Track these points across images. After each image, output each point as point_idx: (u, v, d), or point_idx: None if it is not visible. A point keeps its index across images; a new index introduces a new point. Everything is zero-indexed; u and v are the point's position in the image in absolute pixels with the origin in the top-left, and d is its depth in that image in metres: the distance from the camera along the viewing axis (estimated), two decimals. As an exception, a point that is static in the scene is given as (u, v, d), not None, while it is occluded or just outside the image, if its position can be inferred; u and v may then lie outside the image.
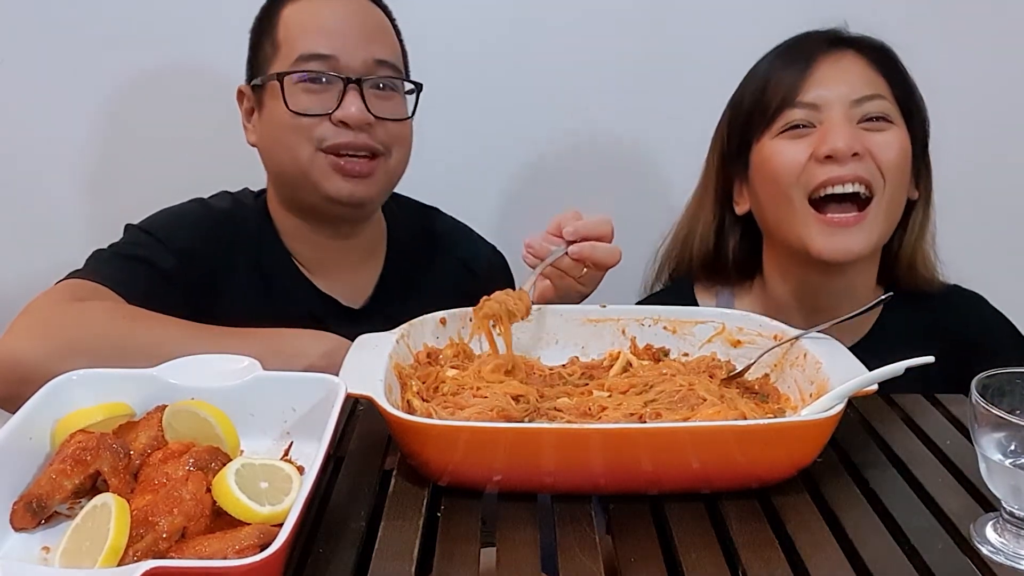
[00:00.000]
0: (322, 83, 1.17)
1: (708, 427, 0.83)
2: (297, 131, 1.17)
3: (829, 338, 0.98)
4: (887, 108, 1.14)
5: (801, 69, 1.15)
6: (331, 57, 1.16)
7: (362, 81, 1.17)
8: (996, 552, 0.76)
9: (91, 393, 0.84)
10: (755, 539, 0.78)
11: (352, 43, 1.17)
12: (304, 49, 1.17)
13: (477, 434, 0.81)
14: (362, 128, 1.17)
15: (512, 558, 0.74)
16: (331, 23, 1.18)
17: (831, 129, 1.11)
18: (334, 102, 1.17)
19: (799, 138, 1.14)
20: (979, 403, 0.75)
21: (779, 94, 1.15)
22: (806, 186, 1.13)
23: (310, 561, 0.74)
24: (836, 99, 1.13)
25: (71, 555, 0.67)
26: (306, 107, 1.17)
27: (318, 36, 1.17)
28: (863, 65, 1.16)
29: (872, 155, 1.12)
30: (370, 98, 1.18)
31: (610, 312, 1.08)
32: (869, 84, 1.14)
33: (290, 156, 1.19)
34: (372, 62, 1.18)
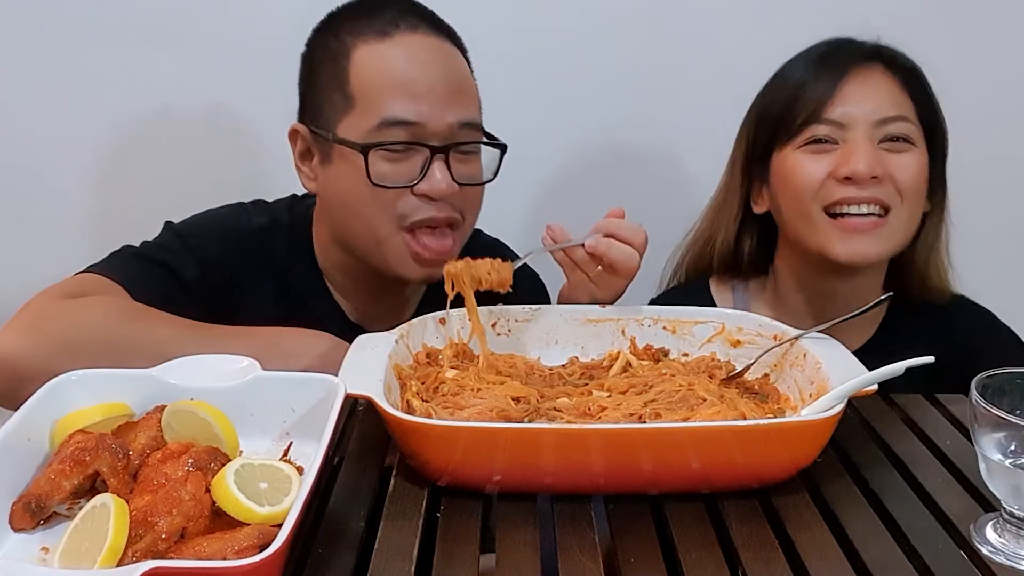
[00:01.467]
0: (404, 151, 1.09)
1: (708, 427, 0.83)
2: (376, 203, 1.09)
3: (829, 338, 0.98)
4: (910, 130, 1.16)
5: (830, 85, 1.16)
6: (416, 124, 1.07)
7: (448, 149, 1.09)
8: (996, 552, 0.76)
9: (90, 393, 0.84)
10: (755, 539, 0.78)
11: (439, 105, 1.08)
12: (388, 113, 1.07)
13: (477, 434, 0.81)
14: (444, 198, 1.10)
15: (512, 559, 0.74)
16: (417, 81, 1.08)
17: (853, 151, 1.14)
18: (417, 172, 1.08)
19: (821, 154, 1.16)
20: (979, 403, 0.75)
21: (807, 108, 1.17)
22: (823, 200, 1.16)
23: (309, 562, 0.74)
24: (861, 118, 1.15)
25: (70, 555, 0.67)
26: (387, 178, 1.08)
27: (403, 98, 1.07)
28: (891, 84, 1.17)
29: (891, 177, 1.14)
30: (453, 164, 1.10)
31: (610, 312, 1.08)
32: (895, 104, 1.16)
33: (365, 227, 1.12)
34: (457, 125, 1.10)
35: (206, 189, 1.32)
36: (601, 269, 1.08)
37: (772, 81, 1.24)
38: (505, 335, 1.07)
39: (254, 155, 1.63)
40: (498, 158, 1.17)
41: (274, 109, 1.24)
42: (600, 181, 1.69)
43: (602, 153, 1.68)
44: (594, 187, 1.69)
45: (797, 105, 1.17)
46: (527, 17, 1.61)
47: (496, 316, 1.07)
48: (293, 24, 1.29)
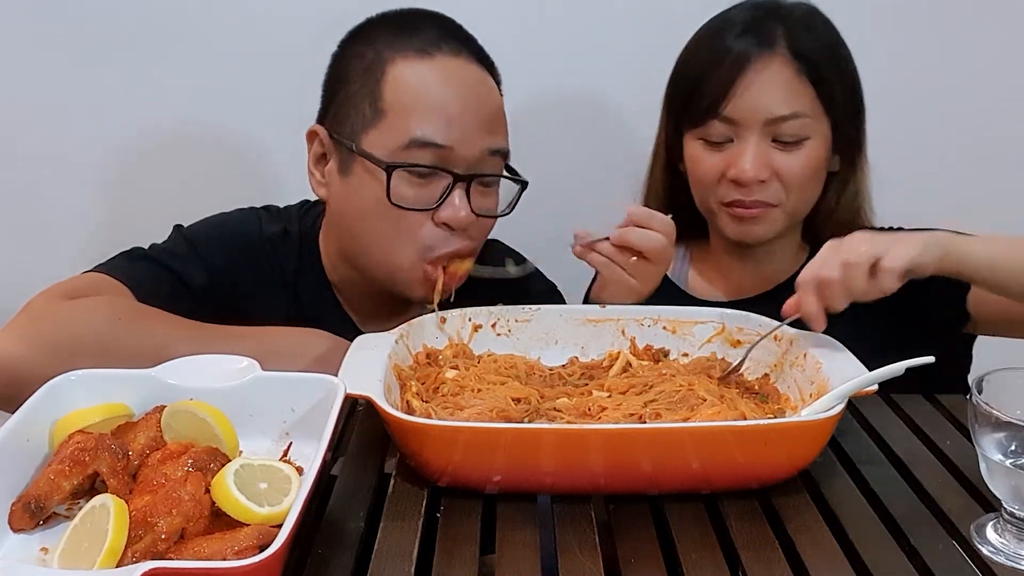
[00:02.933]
0: (428, 175, 1.07)
1: (708, 427, 0.83)
2: (394, 225, 1.07)
3: (829, 338, 0.98)
4: (804, 125, 1.16)
5: (727, 80, 1.15)
6: (446, 148, 1.05)
7: (472, 178, 1.07)
8: (996, 552, 0.76)
9: (89, 394, 0.83)
10: (755, 539, 0.77)
11: (471, 132, 1.06)
12: (420, 134, 1.04)
13: (477, 434, 0.81)
14: (462, 229, 1.08)
15: (512, 559, 0.74)
16: (453, 105, 1.06)
17: (741, 154, 1.16)
18: (436, 196, 1.06)
19: (716, 150, 1.19)
20: (979, 403, 0.75)
21: (704, 103, 1.17)
22: (719, 198, 1.20)
23: (309, 562, 0.74)
24: (753, 117, 1.15)
25: (70, 556, 0.67)
26: (408, 200, 1.06)
27: (437, 121, 1.05)
28: (790, 73, 1.15)
29: (779, 175, 1.17)
30: (473, 194, 1.08)
31: (610, 312, 1.08)
32: (790, 100, 1.15)
33: (380, 247, 1.10)
34: (486, 153, 1.08)
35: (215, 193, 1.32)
36: (635, 259, 1.07)
37: (683, 55, 1.24)
38: (505, 335, 1.07)
39: (263, 159, 1.63)
40: (517, 192, 1.15)
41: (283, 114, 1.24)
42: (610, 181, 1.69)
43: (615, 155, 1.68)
44: (605, 188, 1.68)
45: (695, 99, 1.18)
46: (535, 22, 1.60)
47: (496, 316, 1.07)
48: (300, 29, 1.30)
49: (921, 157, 1.62)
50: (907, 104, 1.58)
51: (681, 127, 1.23)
